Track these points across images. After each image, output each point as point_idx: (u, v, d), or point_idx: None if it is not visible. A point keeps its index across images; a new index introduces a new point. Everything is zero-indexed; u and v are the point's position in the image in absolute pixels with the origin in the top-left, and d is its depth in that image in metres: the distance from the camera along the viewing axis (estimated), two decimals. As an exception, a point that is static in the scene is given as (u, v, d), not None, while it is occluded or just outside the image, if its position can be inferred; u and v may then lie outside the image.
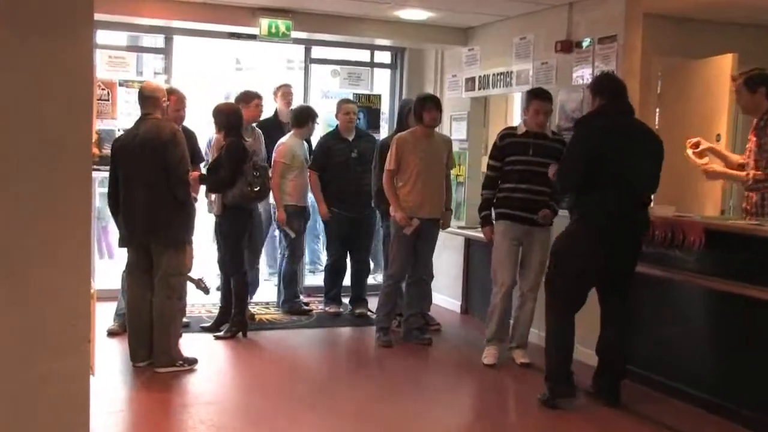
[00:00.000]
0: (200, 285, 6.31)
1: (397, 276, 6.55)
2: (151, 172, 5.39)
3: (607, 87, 5.00)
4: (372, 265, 8.07)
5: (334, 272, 7.69)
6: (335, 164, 7.36)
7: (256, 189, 6.30)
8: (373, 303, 7.18)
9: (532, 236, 5.87)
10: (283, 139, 7.39)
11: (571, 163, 4.97)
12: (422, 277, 6.68)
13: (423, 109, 6.38)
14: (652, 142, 4.98)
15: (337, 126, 7.52)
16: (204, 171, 6.42)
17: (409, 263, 6.52)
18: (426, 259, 6.63)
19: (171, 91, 6.24)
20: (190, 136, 6.35)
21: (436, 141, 6.53)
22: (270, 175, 7.05)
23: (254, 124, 7.22)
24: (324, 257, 8.11)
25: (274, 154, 7.29)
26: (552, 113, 6.06)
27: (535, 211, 5.79)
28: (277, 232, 7.68)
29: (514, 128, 6.02)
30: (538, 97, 5.87)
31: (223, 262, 6.66)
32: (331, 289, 7.69)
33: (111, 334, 6.40)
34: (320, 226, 8.26)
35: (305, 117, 7.43)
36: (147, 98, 5.58)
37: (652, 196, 5.11)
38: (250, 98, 7.14)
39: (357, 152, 7.38)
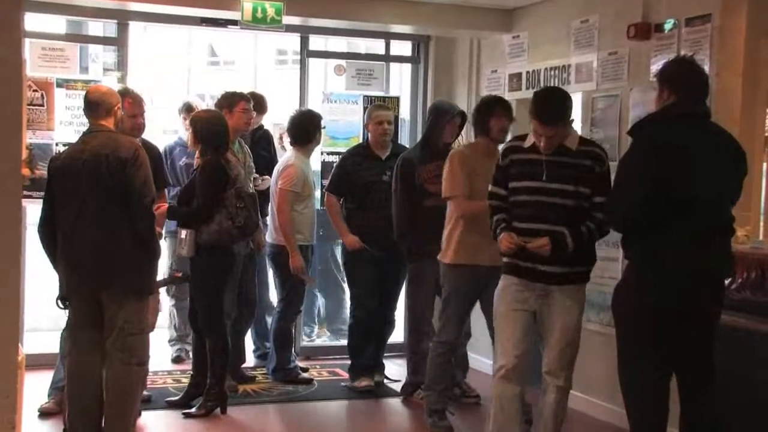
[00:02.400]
0: (176, 279, 6.41)
1: (451, 342, 6.30)
2: (104, 202, 5.30)
3: (683, 77, 4.83)
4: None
5: (362, 333, 7.42)
6: (361, 188, 7.26)
7: (239, 224, 6.24)
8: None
9: (550, 297, 5.21)
10: (288, 160, 7.31)
11: (627, 186, 4.77)
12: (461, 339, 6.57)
13: (491, 116, 6.18)
14: (735, 153, 4.85)
15: (367, 139, 7.47)
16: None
17: (465, 324, 6.37)
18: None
19: (125, 93, 6.19)
20: (152, 153, 6.26)
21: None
22: (272, 207, 7.14)
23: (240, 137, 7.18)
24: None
25: (279, 181, 7.22)
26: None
27: (554, 262, 5.12)
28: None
29: (523, 138, 5.37)
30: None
31: (195, 318, 6.60)
32: (359, 357, 7.44)
33: (45, 414, 6.28)
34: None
35: (310, 127, 7.37)
36: (95, 105, 5.50)
37: (735, 225, 4.95)
38: (233, 102, 7.02)
39: (390, 174, 7.17)
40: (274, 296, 7.75)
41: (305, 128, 7.34)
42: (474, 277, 6.13)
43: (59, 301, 5.55)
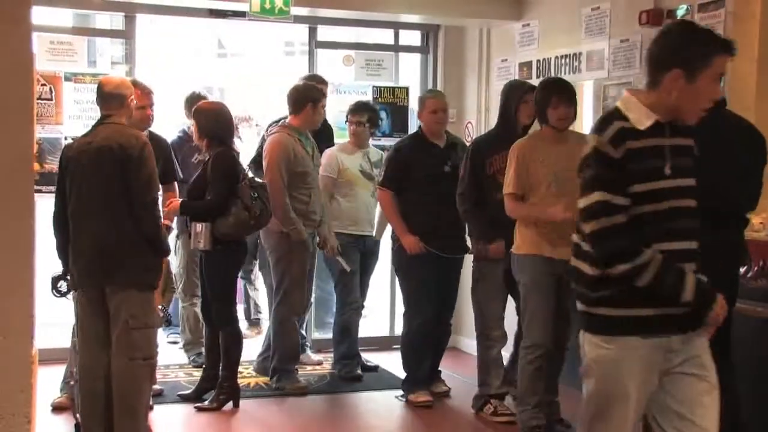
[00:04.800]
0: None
1: (540, 344, 5.69)
2: (108, 194, 5.28)
3: None
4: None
5: (420, 344, 6.82)
6: (420, 181, 6.67)
7: (256, 214, 6.25)
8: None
9: (686, 350, 3.56)
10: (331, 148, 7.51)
11: None
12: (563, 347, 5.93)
13: (547, 105, 5.71)
14: (751, 141, 4.82)
15: (420, 128, 6.94)
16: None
17: (551, 323, 5.74)
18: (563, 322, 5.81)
19: (133, 84, 6.17)
20: (160, 147, 6.29)
21: (571, 145, 5.45)
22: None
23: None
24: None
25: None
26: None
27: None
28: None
29: (621, 116, 3.49)
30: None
31: (208, 310, 6.61)
32: (419, 368, 6.86)
33: (57, 409, 6.32)
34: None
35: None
36: (109, 97, 5.47)
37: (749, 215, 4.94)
38: (317, 98, 7.01)
39: (450, 165, 6.69)
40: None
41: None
42: (551, 270, 5.64)
43: (54, 290, 5.61)
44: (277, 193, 6.63)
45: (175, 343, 8.11)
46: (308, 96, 6.95)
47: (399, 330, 7.25)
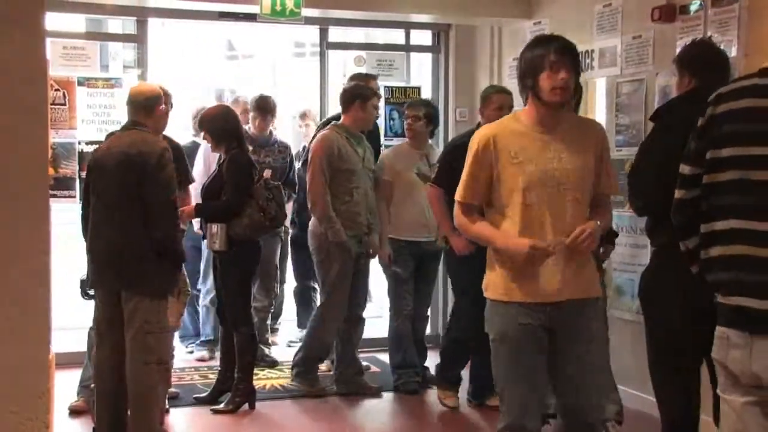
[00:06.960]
0: None
1: (515, 427, 4.16)
2: (125, 201, 5.31)
3: (702, 59, 4.80)
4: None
5: (461, 345, 6.67)
6: None
7: (271, 215, 6.28)
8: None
9: None
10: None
11: (646, 169, 4.74)
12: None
13: (541, 68, 4.05)
14: None
15: (478, 124, 6.40)
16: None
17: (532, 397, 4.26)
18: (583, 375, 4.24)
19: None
20: (176, 151, 6.28)
21: (566, 133, 4.16)
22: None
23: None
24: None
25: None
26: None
27: None
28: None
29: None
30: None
31: (222, 312, 6.64)
32: (453, 369, 6.80)
33: (75, 412, 6.33)
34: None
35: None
36: (138, 105, 5.56)
37: None
38: (366, 96, 6.89)
39: None
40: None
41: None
42: (526, 321, 4.09)
43: (83, 293, 5.64)
44: (316, 189, 6.65)
45: (191, 353, 8.11)
46: (355, 93, 6.89)
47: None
